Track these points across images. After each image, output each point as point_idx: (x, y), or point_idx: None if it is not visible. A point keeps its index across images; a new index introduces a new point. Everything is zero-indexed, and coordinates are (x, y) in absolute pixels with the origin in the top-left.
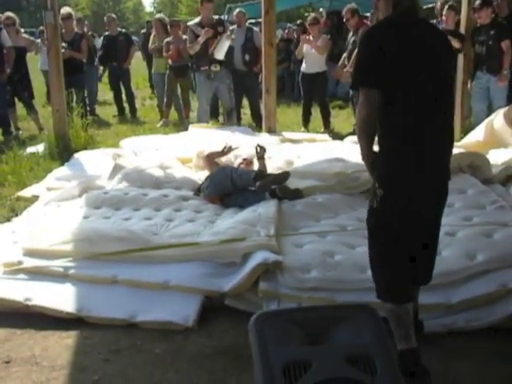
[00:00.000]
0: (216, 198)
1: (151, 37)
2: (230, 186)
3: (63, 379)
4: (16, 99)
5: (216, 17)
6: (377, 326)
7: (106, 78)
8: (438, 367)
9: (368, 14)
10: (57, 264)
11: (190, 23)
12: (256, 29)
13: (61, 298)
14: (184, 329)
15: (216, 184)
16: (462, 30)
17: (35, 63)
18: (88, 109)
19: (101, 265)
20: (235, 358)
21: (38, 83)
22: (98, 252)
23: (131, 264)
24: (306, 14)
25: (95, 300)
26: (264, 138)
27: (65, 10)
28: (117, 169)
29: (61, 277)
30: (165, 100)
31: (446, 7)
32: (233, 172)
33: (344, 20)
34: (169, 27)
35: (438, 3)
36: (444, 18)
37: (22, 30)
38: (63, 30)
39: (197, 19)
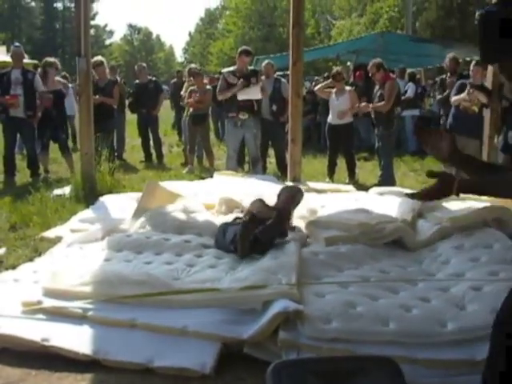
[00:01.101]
0: None
1: (185, 84)
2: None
3: None
4: (52, 142)
5: (251, 67)
6: (397, 380)
7: (133, 124)
8: None
9: (394, 69)
10: (76, 305)
11: (224, 70)
12: (284, 80)
13: (78, 339)
14: (201, 375)
15: (220, 247)
16: (489, 85)
17: None
18: (116, 154)
19: (120, 308)
20: None
21: None
22: (118, 295)
23: (150, 308)
24: (334, 68)
25: (112, 343)
26: None
27: (97, 58)
28: (140, 210)
29: (79, 318)
30: (188, 147)
31: (474, 63)
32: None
33: (370, 74)
34: (192, 77)
35: (447, 59)
36: (471, 73)
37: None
38: (97, 77)
39: (232, 67)
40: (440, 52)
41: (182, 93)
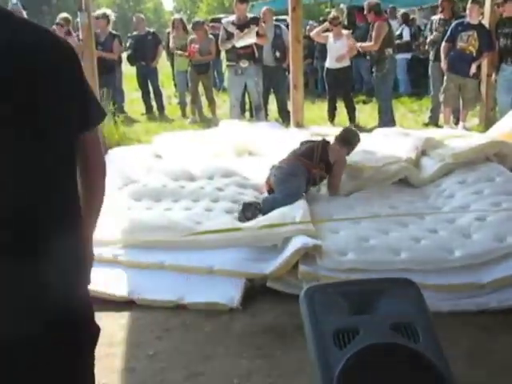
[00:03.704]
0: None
1: (171, 36)
2: None
3: (121, 354)
4: None
5: (251, 15)
6: (417, 298)
7: (130, 77)
8: (470, 341)
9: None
10: (106, 250)
11: (223, 20)
12: (283, 26)
13: (112, 282)
14: (229, 309)
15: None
16: (486, 23)
17: None
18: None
19: (148, 251)
20: (279, 334)
21: None
22: (146, 240)
23: (176, 250)
24: (327, 10)
25: (144, 284)
26: (294, 133)
27: (100, 11)
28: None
29: (111, 262)
30: (190, 97)
31: (470, 0)
32: None
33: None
34: (191, 28)
35: None
36: (468, 11)
37: None
38: (98, 30)
39: (231, 17)
40: None
41: (170, 45)
